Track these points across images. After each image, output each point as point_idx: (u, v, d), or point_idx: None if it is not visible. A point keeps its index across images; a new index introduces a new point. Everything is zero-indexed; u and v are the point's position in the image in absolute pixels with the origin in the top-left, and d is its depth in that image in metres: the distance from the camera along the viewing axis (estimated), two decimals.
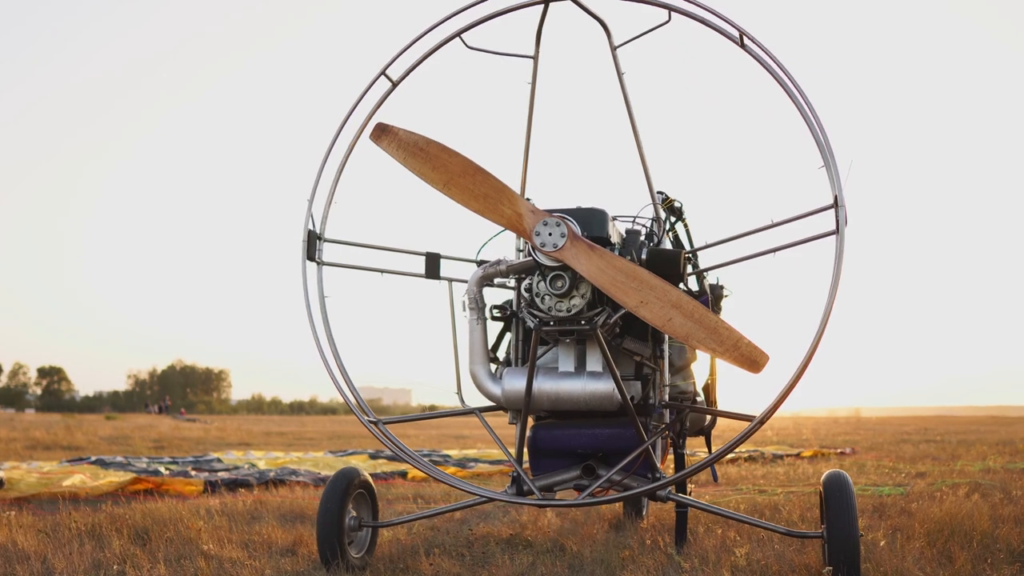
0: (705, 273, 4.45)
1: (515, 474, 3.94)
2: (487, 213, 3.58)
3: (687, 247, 4.57)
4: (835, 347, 3.41)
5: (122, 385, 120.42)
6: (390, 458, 11.83)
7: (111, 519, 5.13)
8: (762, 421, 3.44)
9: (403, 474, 9.17)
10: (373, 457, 12.01)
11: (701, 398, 4.61)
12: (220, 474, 8.57)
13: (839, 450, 14.20)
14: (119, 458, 10.50)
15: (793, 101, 3.54)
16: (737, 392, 4.69)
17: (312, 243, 4.02)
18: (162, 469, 9.02)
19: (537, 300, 3.56)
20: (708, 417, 4.76)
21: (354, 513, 4.02)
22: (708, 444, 4.94)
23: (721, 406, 4.65)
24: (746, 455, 12.05)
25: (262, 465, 10.24)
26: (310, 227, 4.02)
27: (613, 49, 4.11)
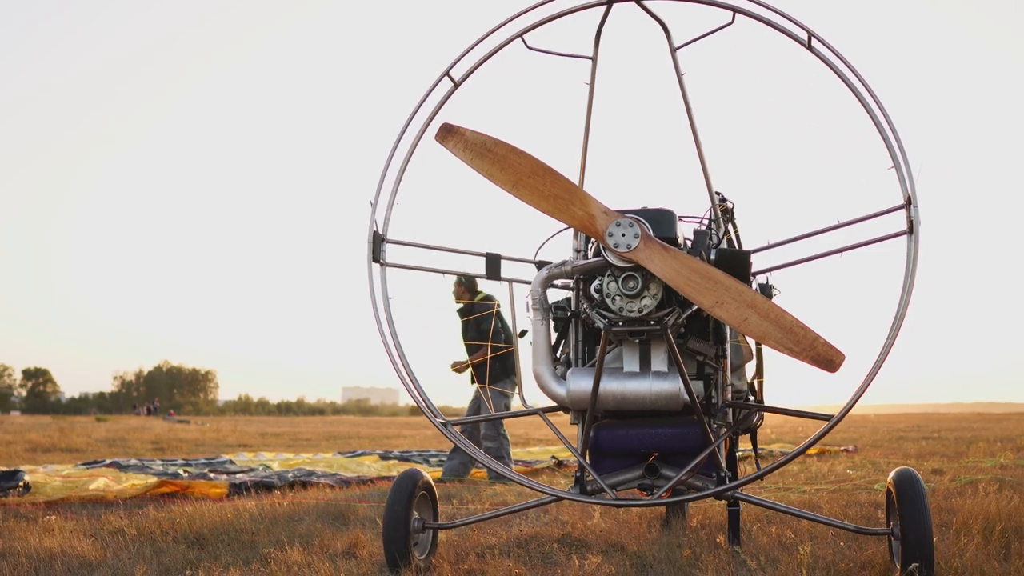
0: (756, 274, 4.47)
1: (578, 474, 3.95)
2: (557, 214, 3.58)
3: (737, 248, 4.58)
4: (867, 347, 3.44)
5: (108, 386, 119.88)
6: (401, 459, 11.82)
7: (156, 523, 5.11)
8: (838, 420, 3.46)
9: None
10: (384, 458, 11.99)
11: (752, 397, 4.63)
12: (239, 476, 8.53)
13: (843, 448, 14.24)
14: (133, 461, 10.45)
15: (863, 104, 3.56)
16: (778, 390, 4.72)
17: (377, 245, 4.02)
18: (181, 472, 8.98)
19: (607, 301, 3.57)
20: (756, 416, 4.77)
21: (418, 515, 4.01)
22: (754, 442, 4.95)
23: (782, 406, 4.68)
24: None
25: (276, 467, 10.20)
26: (374, 229, 4.01)
27: (673, 50, 4.11)
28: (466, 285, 8.93)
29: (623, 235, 3.44)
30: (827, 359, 3.34)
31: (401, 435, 22.91)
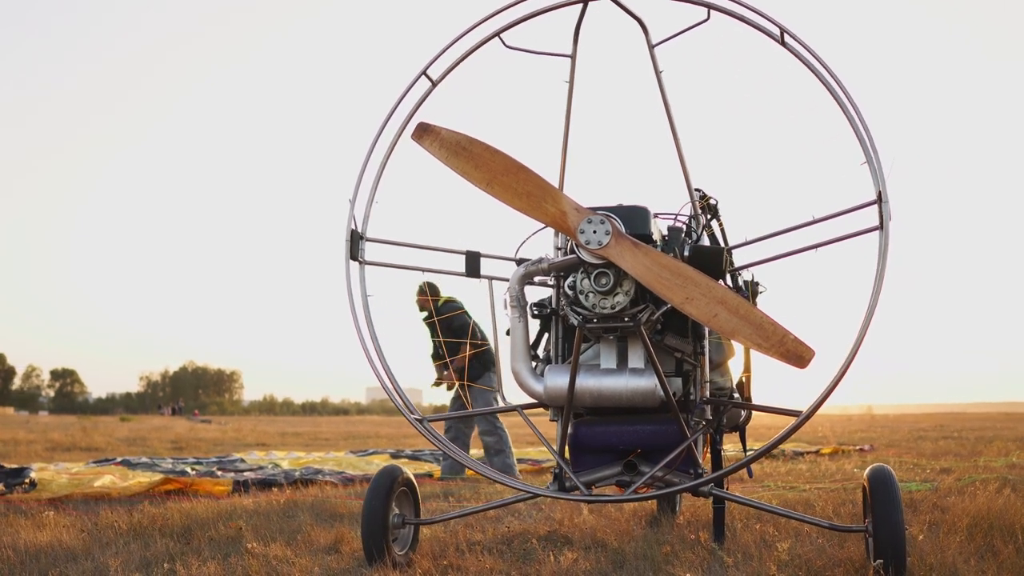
0: (740, 270, 4.46)
1: (557, 471, 3.97)
2: (530, 211, 3.60)
3: (721, 244, 4.58)
4: (846, 344, 3.43)
5: (134, 387, 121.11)
6: (411, 458, 11.87)
7: (150, 519, 5.18)
8: (808, 417, 3.46)
9: (428, 475, 9.19)
10: (394, 457, 12.05)
11: (737, 394, 4.63)
12: (246, 474, 8.62)
13: (858, 447, 14.19)
14: (144, 459, 10.56)
15: (835, 98, 3.57)
16: (771, 389, 4.71)
17: (355, 243, 4.06)
18: (188, 469, 9.07)
19: (581, 297, 3.58)
20: (743, 413, 4.77)
21: (397, 510, 4.05)
22: (743, 440, 4.96)
23: (756, 403, 4.68)
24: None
25: (285, 465, 10.28)
26: (352, 227, 4.05)
27: (651, 47, 4.12)
28: (428, 292, 9.00)
29: (594, 232, 3.45)
30: (797, 355, 3.34)
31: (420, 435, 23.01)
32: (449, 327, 8.72)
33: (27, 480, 7.18)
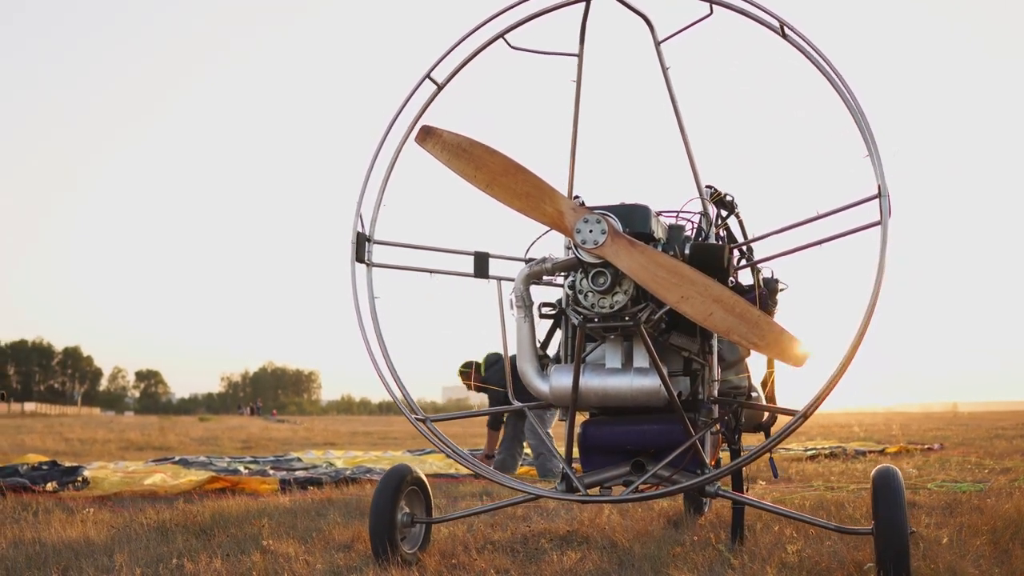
0: (752, 267, 4.40)
1: (564, 471, 3.97)
2: (529, 211, 3.62)
3: (740, 240, 4.52)
4: (931, 340, 3.33)
5: (216, 387, 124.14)
6: None
7: (182, 515, 5.31)
8: (805, 416, 3.40)
9: (476, 475, 9.24)
10: (449, 456, 12.12)
11: (757, 393, 4.56)
12: (297, 473, 8.77)
13: (927, 446, 13.83)
14: (201, 458, 10.83)
15: (836, 90, 3.50)
16: (797, 387, 4.64)
17: (361, 245, 4.11)
18: (241, 468, 9.28)
19: (580, 297, 3.58)
20: (765, 412, 4.70)
21: (407, 509, 4.09)
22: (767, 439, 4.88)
23: (778, 401, 4.61)
24: (828, 451, 11.83)
25: (340, 464, 10.45)
26: (359, 229, 4.10)
27: (657, 44, 4.10)
28: (472, 373, 9.23)
29: (591, 231, 3.45)
30: (793, 354, 3.30)
31: (473, 434, 23.08)
32: (498, 376, 8.89)
33: (80, 478, 7.42)
